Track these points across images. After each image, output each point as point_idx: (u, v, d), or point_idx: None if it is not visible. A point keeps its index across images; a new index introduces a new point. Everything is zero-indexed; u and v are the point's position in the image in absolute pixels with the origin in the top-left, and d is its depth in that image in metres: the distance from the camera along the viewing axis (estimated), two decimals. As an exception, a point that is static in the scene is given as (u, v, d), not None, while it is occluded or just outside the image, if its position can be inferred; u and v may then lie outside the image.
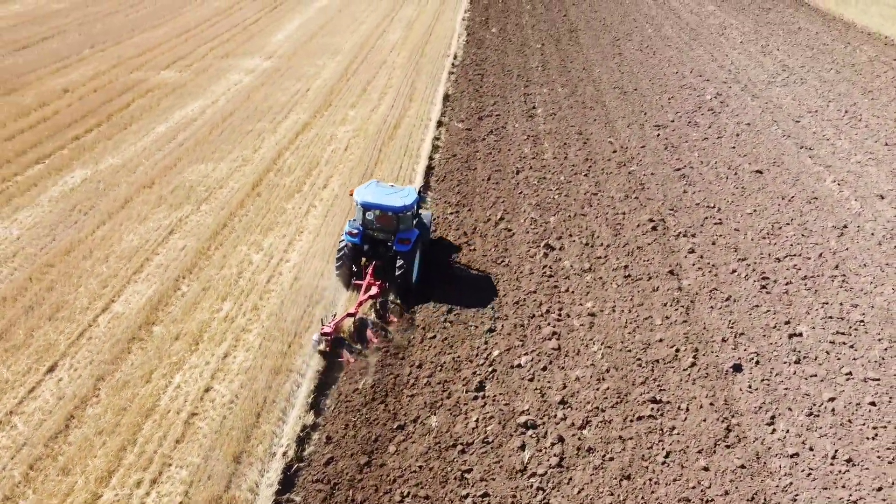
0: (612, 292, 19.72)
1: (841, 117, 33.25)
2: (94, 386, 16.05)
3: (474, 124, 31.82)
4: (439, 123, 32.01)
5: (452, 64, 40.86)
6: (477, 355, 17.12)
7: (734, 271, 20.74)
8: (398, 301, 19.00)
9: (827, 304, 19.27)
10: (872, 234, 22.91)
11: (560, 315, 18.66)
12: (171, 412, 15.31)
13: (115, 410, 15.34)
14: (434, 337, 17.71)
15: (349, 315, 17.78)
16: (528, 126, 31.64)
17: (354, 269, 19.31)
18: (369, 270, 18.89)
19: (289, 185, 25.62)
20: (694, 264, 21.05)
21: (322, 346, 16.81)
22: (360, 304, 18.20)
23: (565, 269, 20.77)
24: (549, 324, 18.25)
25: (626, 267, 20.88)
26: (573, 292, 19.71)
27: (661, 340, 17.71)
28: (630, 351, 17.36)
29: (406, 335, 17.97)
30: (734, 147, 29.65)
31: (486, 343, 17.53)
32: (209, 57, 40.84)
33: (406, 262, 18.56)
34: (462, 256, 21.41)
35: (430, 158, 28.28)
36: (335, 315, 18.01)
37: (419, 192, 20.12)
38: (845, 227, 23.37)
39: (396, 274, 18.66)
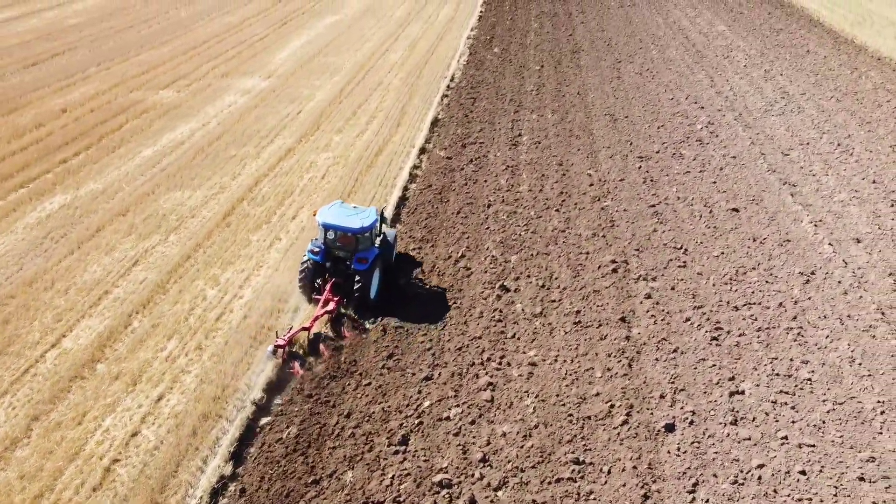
0: (558, 339, 19.39)
1: (832, 150, 32.35)
2: (28, 427, 16.23)
3: (457, 152, 31.63)
4: (422, 150, 31.90)
5: (448, 86, 40.72)
6: (408, 405, 16.94)
7: (688, 320, 20.26)
8: (354, 317, 19.86)
9: (776, 359, 18.70)
10: (839, 282, 22.20)
11: (500, 364, 18.39)
12: (95, 457, 15.40)
13: (41, 453, 15.49)
14: (369, 384, 17.59)
15: (304, 329, 18.68)
16: (510, 155, 31.35)
17: (317, 284, 20.20)
18: (328, 287, 19.82)
19: (259, 216, 25.72)
20: (648, 311, 20.60)
21: (276, 358, 17.73)
22: (316, 318, 19.09)
23: (516, 312, 20.49)
24: (487, 373, 18.00)
25: (578, 312, 20.52)
26: (519, 339, 19.42)
27: (597, 394, 17.35)
28: (564, 405, 17.04)
29: (357, 351, 18.72)
30: (715, 182, 29.02)
31: (419, 392, 17.34)
32: (210, 76, 41.27)
33: (363, 280, 19.60)
34: (416, 297, 21.27)
35: (405, 189, 28.17)
36: (291, 328, 18.68)
37: (381, 212, 20.97)
38: (812, 273, 22.69)
39: (354, 291, 19.65)
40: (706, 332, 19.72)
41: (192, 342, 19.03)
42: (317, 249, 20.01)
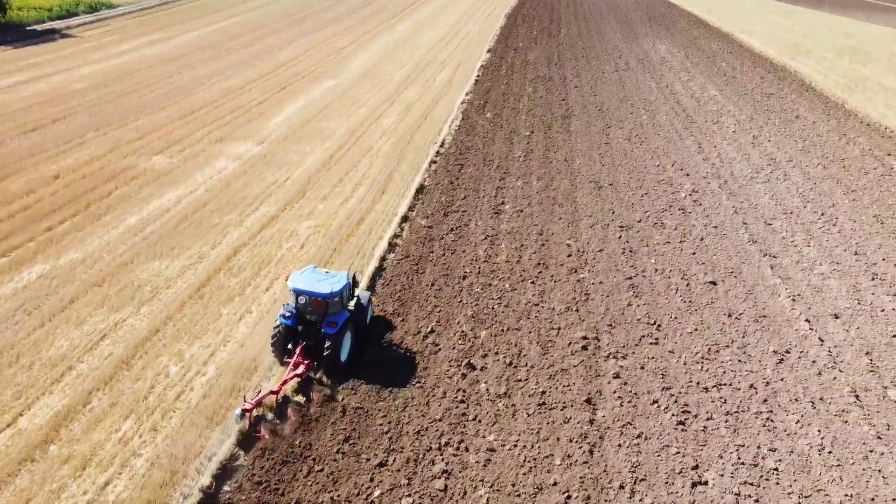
0: (520, 422, 18.89)
1: (816, 220, 32.06)
2: (-31, 514, 15.84)
3: (438, 221, 31.59)
4: (405, 219, 31.89)
5: (438, 152, 41.01)
6: (358, 494, 16.43)
7: (655, 402, 19.73)
8: (323, 380, 20.28)
9: (743, 446, 18.09)
10: (814, 361, 21.65)
11: (458, 449, 17.89)
12: (32, 550, 14.95)
13: (-21, 544, 15.06)
14: (321, 470, 17.12)
15: (272, 392, 19.04)
16: (491, 224, 31.26)
17: (289, 347, 20.68)
18: (298, 350, 20.27)
19: (232, 288, 25.60)
20: (615, 391, 20.11)
21: (242, 423, 17.99)
22: (285, 382, 19.51)
23: (480, 393, 20.05)
24: (443, 459, 17.49)
25: (543, 393, 20.05)
26: (480, 421, 18.94)
27: (554, 484, 16.78)
28: (519, 496, 16.47)
29: (314, 434, 18.44)
30: (694, 253, 28.72)
31: (371, 480, 16.85)
32: (204, 141, 41.79)
33: (333, 344, 20.14)
34: (386, 362, 20.99)
35: (383, 259, 28.04)
36: (259, 391, 19.05)
37: (353, 277, 21.65)
38: (787, 352, 22.16)
39: (324, 355, 20.19)
40: (673, 415, 19.17)
41: (148, 423, 18.69)
42: (288, 314, 20.57)
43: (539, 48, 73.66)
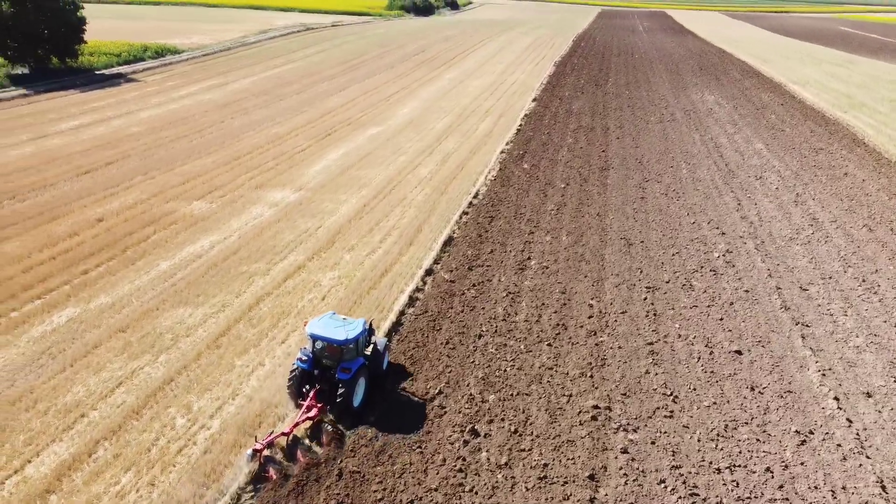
0: (518, 497, 18.21)
1: (856, 287, 30.59)
2: (-37, 564, 15.99)
3: (461, 275, 31.32)
4: (429, 272, 31.72)
5: (470, 203, 40.93)
6: (343, 567, 15.98)
7: (662, 482, 18.78)
8: (334, 424, 20.68)
9: (751, 536, 17.00)
10: (839, 445, 20.35)
11: (450, 523, 17.31)
12: None
13: None
14: (310, 538, 16.75)
15: (283, 434, 19.59)
16: (514, 280, 30.82)
17: (304, 390, 21.18)
18: (311, 393, 20.85)
19: (249, 338, 25.74)
20: (621, 468, 19.24)
21: (252, 463, 18.58)
22: (297, 424, 20.08)
23: (480, 462, 19.45)
24: (434, 533, 16.93)
25: (545, 465, 19.34)
26: (476, 493, 18.33)
27: (546, 567, 16.01)
28: (507, 578, 15.75)
29: (307, 497, 18.24)
30: (722, 319, 27.65)
31: (358, 552, 16.38)
32: (244, 187, 42.70)
33: (346, 389, 20.55)
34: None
35: (401, 314, 27.84)
36: (272, 432, 19.49)
37: (369, 324, 22.05)
38: (811, 432, 20.91)
39: (336, 399, 20.67)
40: (680, 497, 18.19)
41: (147, 477, 18.71)
42: (305, 358, 21.28)
43: (584, 98, 73.53)
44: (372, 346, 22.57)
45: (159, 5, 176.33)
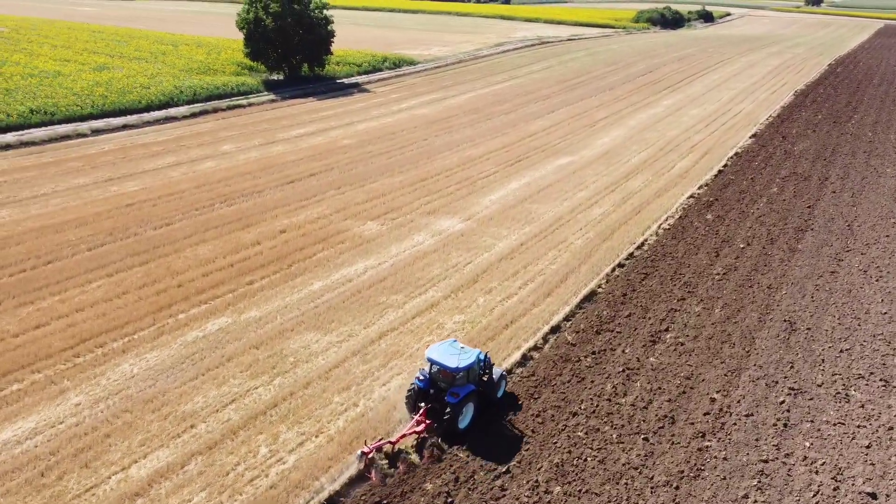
0: None
1: None
2: (54, 547, 18.79)
3: (586, 339, 29.76)
4: (555, 329, 30.60)
5: (631, 254, 38.68)
6: None
7: None
8: (438, 442, 22.47)
9: None
10: None
11: None
12: None
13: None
14: None
15: (390, 442, 21.92)
16: (639, 354, 28.58)
17: (420, 405, 23.32)
18: (422, 410, 22.94)
19: (357, 374, 26.81)
20: None
21: (360, 463, 21.20)
22: (403, 436, 22.26)
23: (515, 562, 18.47)
24: None
25: (581, 584, 17.83)
26: None
27: None
28: None
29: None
30: (869, 447, 23.23)
31: None
32: (418, 212, 44.33)
33: (452, 412, 22.41)
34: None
35: (508, 372, 27.17)
36: (381, 439, 22.33)
37: (485, 356, 23.99)
38: None
39: (443, 419, 22.57)
40: None
41: (215, 500, 20.42)
42: (422, 377, 23.59)
43: (814, 137, 65.50)
44: (487, 375, 24.11)
45: (417, 13, 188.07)
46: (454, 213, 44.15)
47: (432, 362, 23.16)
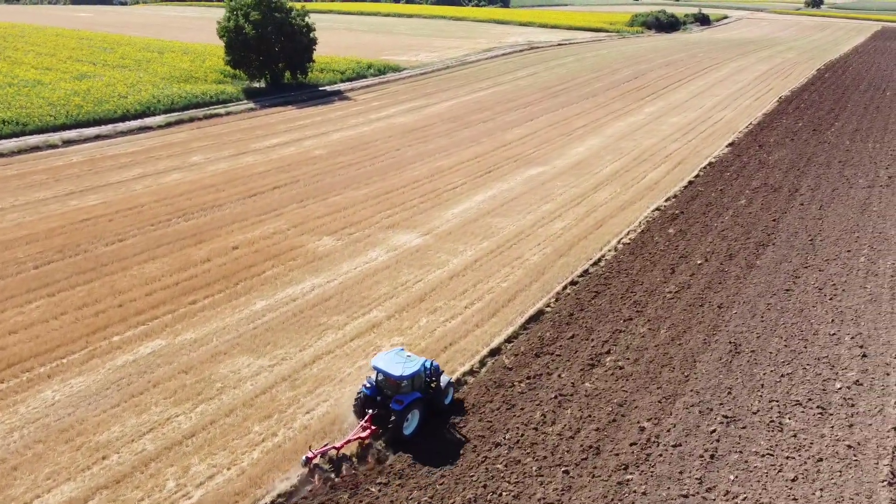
0: None
1: None
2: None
3: (524, 363, 28.93)
4: (494, 352, 29.80)
5: (585, 271, 37.89)
6: None
7: None
8: (382, 448, 23.19)
9: None
10: None
11: None
12: None
13: None
14: None
15: (334, 447, 22.39)
16: (575, 379, 27.76)
17: (367, 411, 23.79)
18: (368, 416, 23.44)
19: (282, 402, 26.09)
20: None
21: (304, 469, 21.72)
22: (348, 441, 22.80)
23: None
24: None
25: None
26: None
27: None
28: None
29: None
30: (795, 480, 22.35)
31: None
32: (377, 226, 43.61)
33: (396, 419, 23.01)
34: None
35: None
36: (326, 444, 22.64)
37: (431, 363, 24.56)
38: None
39: (388, 426, 23.27)
40: None
41: (111, 541, 19.75)
42: (369, 385, 24.28)
43: (791, 146, 64.56)
44: (435, 383, 24.63)
45: (412, 18, 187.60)
46: (414, 228, 43.43)
47: (378, 370, 23.66)
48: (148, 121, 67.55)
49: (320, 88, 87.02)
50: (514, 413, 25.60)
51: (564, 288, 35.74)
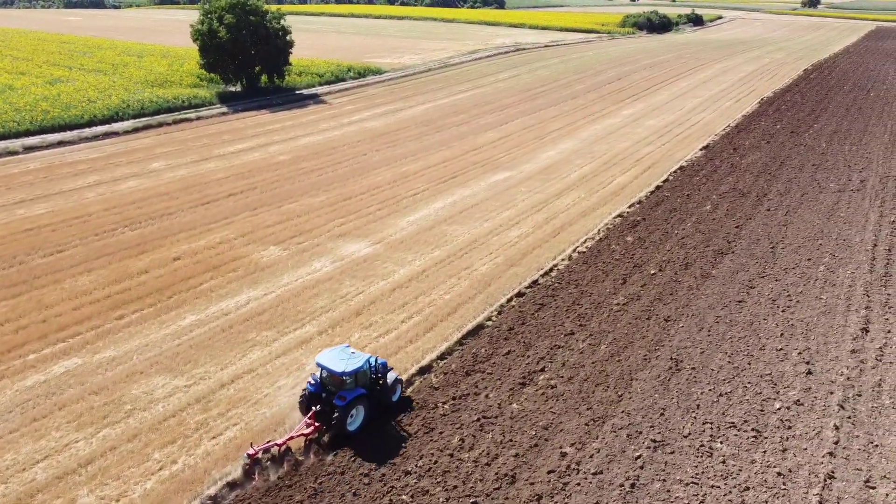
0: None
1: (956, 497, 21.49)
2: None
3: (453, 382, 27.46)
4: (424, 370, 28.38)
5: (535, 282, 36.38)
6: None
7: None
8: (323, 442, 23.29)
9: None
10: None
11: None
12: None
13: None
14: None
15: (276, 445, 22.20)
16: (502, 400, 26.27)
17: (312, 408, 23.55)
18: (311, 412, 23.28)
19: (188, 426, 24.68)
20: None
21: (243, 463, 21.65)
22: (291, 438, 22.66)
23: None
24: None
25: None
26: None
27: None
28: None
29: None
30: (717, 512, 20.85)
31: None
32: (328, 234, 42.19)
33: (339, 415, 22.91)
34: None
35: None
36: (269, 441, 22.53)
37: (375, 361, 24.39)
38: None
39: (332, 422, 23.08)
40: None
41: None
42: (314, 381, 24.03)
43: (766, 149, 62.96)
44: (382, 379, 24.59)
45: (402, 20, 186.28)
46: (366, 236, 42.02)
47: (321, 367, 23.55)
48: (116, 126, 66.21)
49: (297, 92, 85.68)
50: (432, 437, 24.14)
51: (509, 300, 34.26)
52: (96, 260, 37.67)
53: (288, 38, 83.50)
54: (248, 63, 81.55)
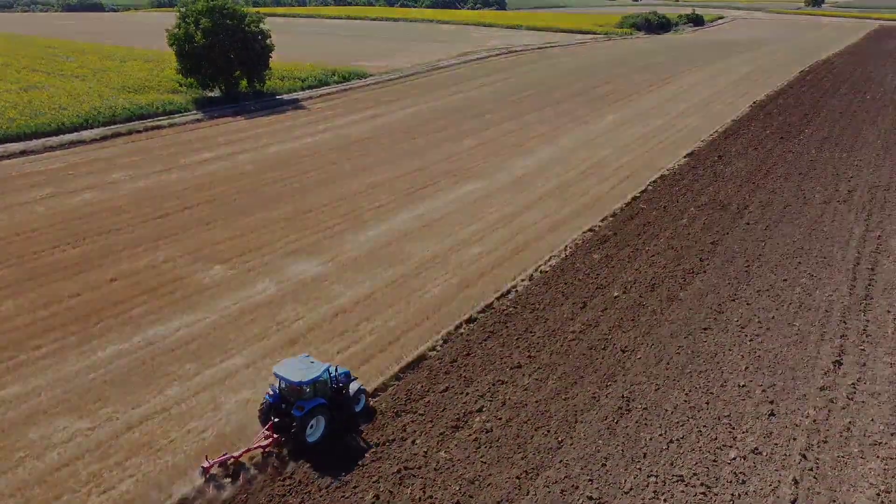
0: None
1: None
2: None
3: (378, 426, 24.96)
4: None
5: (489, 306, 33.91)
6: None
7: None
8: (283, 454, 22.53)
9: None
10: None
11: None
12: None
13: None
14: None
15: (233, 457, 21.63)
16: (430, 447, 23.76)
17: (273, 419, 22.87)
18: (269, 424, 22.75)
19: (81, 478, 22.27)
20: None
21: (200, 478, 21.05)
22: (248, 450, 22.09)
23: None
24: None
25: None
26: None
27: None
28: None
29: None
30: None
31: None
32: (279, 252, 39.73)
33: (298, 426, 22.22)
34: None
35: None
36: (225, 454, 21.85)
37: (335, 370, 23.96)
38: None
39: (290, 433, 22.40)
40: None
41: None
42: (272, 392, 23.30)
43: (753, 156, 60.14)
44: (344, 389, 23.87)
45: (397, 21, 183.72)
46: (318, 254, 39.53)
47: (279, 377, 22.94)
48: (84, 134, 63.96)
49: (277, 97, 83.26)
50: (344, 493, 21.64)
51: (458, 327, 31.73)
52: (27, 282, 35.31)
53: (268, 41, 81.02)
54: (226, 68, 79.09)
